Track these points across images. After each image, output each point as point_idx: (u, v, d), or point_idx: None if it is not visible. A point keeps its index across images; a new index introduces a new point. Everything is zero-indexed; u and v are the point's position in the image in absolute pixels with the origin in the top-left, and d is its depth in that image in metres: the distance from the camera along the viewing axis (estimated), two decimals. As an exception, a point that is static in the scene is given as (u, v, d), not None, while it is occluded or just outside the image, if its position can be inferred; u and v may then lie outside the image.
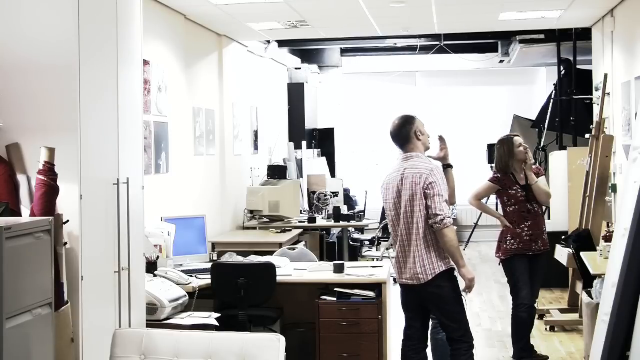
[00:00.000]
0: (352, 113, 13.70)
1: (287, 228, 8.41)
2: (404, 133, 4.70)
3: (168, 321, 4.78)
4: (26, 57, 3.75)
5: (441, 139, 5.10)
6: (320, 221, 9.14)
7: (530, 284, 5.84)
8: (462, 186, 5.84)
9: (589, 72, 9.39)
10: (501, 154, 5.93)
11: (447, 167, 5.24)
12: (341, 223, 9.02)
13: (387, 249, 9.58)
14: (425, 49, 11.47)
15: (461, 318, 4.68)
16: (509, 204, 5.90)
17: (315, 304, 5.33)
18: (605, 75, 7.82)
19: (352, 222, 9.08)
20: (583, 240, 6.86)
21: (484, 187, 6.06)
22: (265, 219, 8.74)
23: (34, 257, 3.28)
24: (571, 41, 9.91)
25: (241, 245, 7.53)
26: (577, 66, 10.14)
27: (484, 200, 6.27)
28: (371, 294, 5.31)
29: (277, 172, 9.12)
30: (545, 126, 10.42)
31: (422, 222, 4.54)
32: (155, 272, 5.26)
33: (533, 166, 5.94)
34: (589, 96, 9.39)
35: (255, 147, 9.80)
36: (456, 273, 4.71)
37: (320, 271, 5.70)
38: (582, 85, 9.93)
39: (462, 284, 4.70)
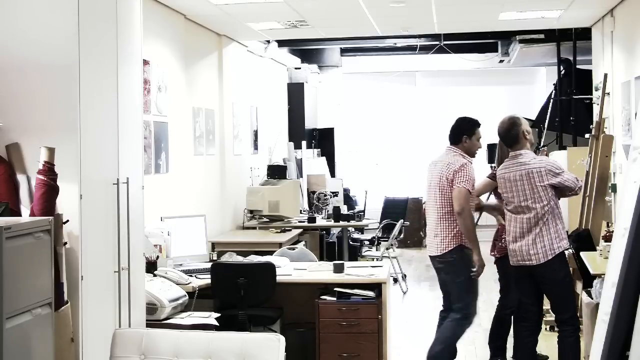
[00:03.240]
0: (352, 113, 13.69)
1: (287, 228, 8.41)
2: (514, 134, 5.14)
3: (168, 321, 4.78)
4: (26, 57, 3.75)
5: None
6: (320, 221, 9.13)
7: None
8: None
9: (589, 72, 9.39)
10: (502, 152, 5.91)
11: None
12: (341, 223, 9.02)
13: (387, 249, 9.57)
14: (425, 49, 11.47)
15: (571, 301, 5.01)
16: (507, 202, 5.90)
17: (315, 304, 5.33)
18: (605, 75, 7.81)
19: (352, 222, 9.07)
20: (583, 240, 6.83)
21: (482, 183, 6.04)
22: (265, 219, 8.74)
23: (34, 257, 3.27)
24: (571, 41, 9.90)
25: (241, 245, 7.54)
26: (577, 66, 10.12)
27: (484, 198, 6.26)
28: (371, 294, 5.31)
29: (277, 172, 9.12)
30: (545, 126, 10.40)
31: (545, 207, 4.92)
32: (155, 272, 5.26)
33: None
34: (589, 96, 9.38)
35: (255, 147, 9.79)
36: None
37: (320, 271, 5.70)
38: (582, 85, 9.92)
39: None
